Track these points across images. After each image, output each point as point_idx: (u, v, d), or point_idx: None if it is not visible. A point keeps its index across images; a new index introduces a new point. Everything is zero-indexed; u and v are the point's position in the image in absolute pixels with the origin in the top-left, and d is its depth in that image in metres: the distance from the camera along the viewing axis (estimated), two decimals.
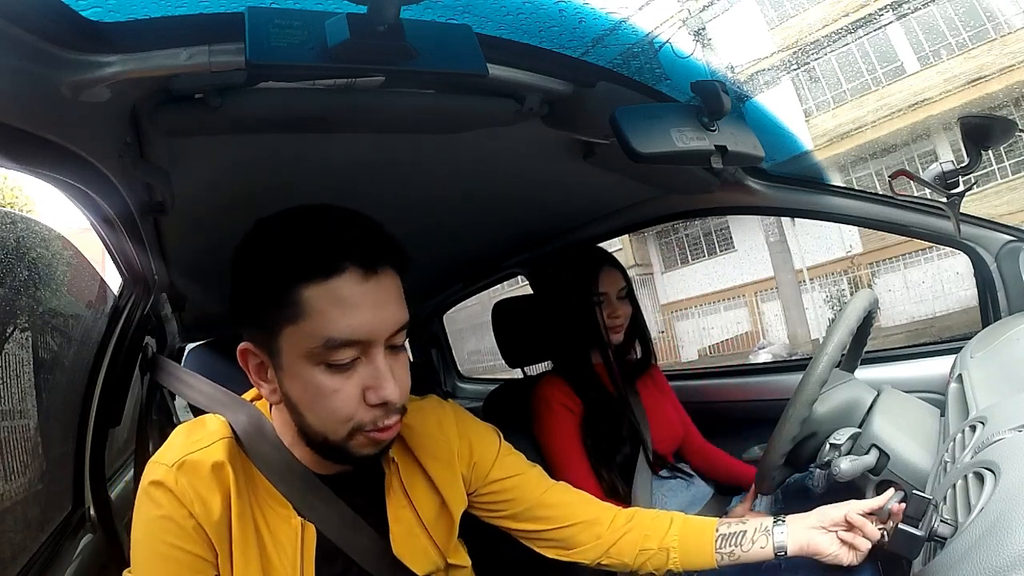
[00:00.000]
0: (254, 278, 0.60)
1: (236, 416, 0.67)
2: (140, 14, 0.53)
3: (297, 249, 0.58)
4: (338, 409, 0.59)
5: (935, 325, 8.80)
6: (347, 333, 0.57)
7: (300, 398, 0.60)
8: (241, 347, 0.62)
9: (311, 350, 0.57)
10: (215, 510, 0.61)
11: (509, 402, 1.37)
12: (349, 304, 0.57)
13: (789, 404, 0.89)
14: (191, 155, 0.78)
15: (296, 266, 0.57)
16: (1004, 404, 0.64)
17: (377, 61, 0.56)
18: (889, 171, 1.11)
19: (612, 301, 1.25)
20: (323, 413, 0.59)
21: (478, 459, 0.79)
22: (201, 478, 0.61)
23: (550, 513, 0.81)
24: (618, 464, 1.20)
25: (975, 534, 0.45)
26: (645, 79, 0.85)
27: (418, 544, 0.73)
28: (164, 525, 0.60)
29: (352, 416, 0.59)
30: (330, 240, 0.58)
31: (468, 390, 2.44)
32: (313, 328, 0.56)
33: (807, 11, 9.47)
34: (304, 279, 0.56)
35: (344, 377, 0.58)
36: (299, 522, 0.65)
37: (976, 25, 9.08)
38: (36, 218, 1.13)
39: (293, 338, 0.58)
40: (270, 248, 0.59)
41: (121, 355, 1.07)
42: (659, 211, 1.41)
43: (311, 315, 0.56)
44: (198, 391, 0.82)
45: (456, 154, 0.96)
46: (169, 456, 0.62)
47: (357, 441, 0.61)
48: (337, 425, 0.60)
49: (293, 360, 0.58)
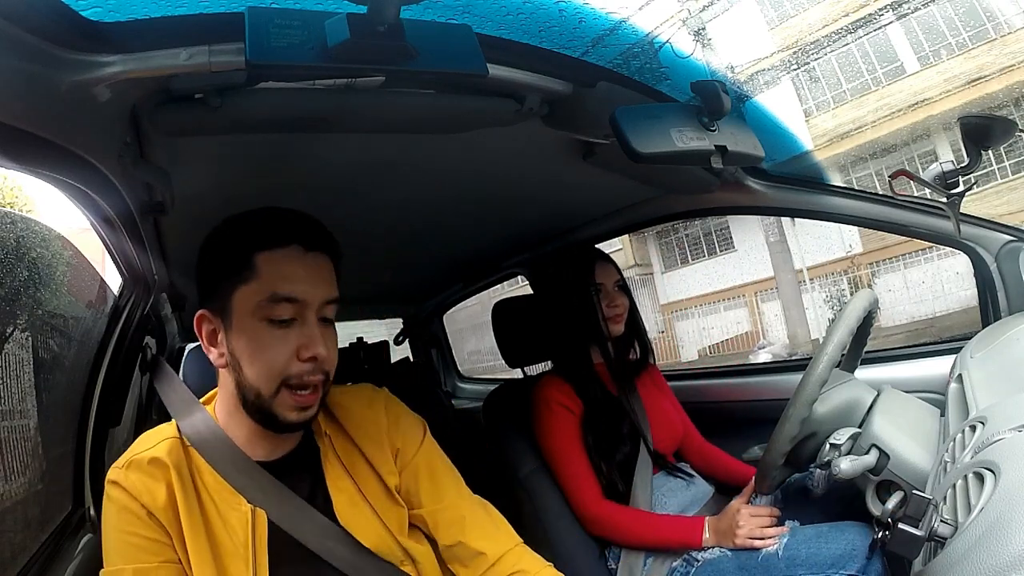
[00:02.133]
0: (217, 252, 0.72)
1: (189, 419, 0.77)
2: (140, 14, 0.53)
3: (254, 226, 0.71)
4: (274, 359, 0.69)
5: (935, 325, 8.80)
6: (288, 291, 0.69)
7: (243, 352, 0.70)
8: (198, 314, 0.73)
9: (258, 303, 0.68)
10: (160, 498, 0.70)
11: (509, 402, 1.37)
12: (291, 270, 0.70)
13: (789, 404, 0.89)
14: (191, 155, 0.78)
15: (252, 237, 0.70)
16: (1004, 404, 0.64)
17: (377, 61, 0.56)
18: (889, 171, 1.10)
19: (609, 291, 1.27)
20: (260, 364, 0.69)
21: (402, 445, 0.83)
22: (146, 471, 0.71)
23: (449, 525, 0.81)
24: (618, 463, 1.20)
25: (975, 534, 0.45)
26: (645, 79, 0.85)
27: (362, 514, 0.76)
28: (121, 516, 0.70)
29: (283, 370, 0.69)
30: (280, 222, 0.72)
31: (468, 390, 2.44)
32: (261, 285, 0.68)
33: (807, 11, 9.48)
34: (258, 247, 0.69)
35: (282, 333, 0.69)
36: (248, 508, 0.71)
37: (976, 25, 9.08)
38: (36, 218, 1.13)
39: (243, 296, 0.69)
40: (232, 228, 0.72)
41: (121, 355, 1.07)
42: (659, 211, 1.41)
43: (261, 275, 0.69)
44: (176, 396, 0.85)
45: (456, 154, 0.96)
46: (121, 460, 0.73)
47: (283, 401, 0.70)
48: (268, 379, 0.69)
49: (242, 317, 0.69)
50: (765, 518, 1.05)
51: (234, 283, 0.69)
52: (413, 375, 2.14)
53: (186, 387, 0.85)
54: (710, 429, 1.39)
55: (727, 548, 1.04)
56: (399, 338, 2.40)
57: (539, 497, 1.21)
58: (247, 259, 0.69)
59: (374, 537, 0.76)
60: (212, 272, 0.72)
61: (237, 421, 0.75)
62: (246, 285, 0.69)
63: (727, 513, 1.07)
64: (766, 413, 1.15)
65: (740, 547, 1.03)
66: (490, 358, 5.25)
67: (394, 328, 2.44)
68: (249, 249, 0.69)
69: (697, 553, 1.07)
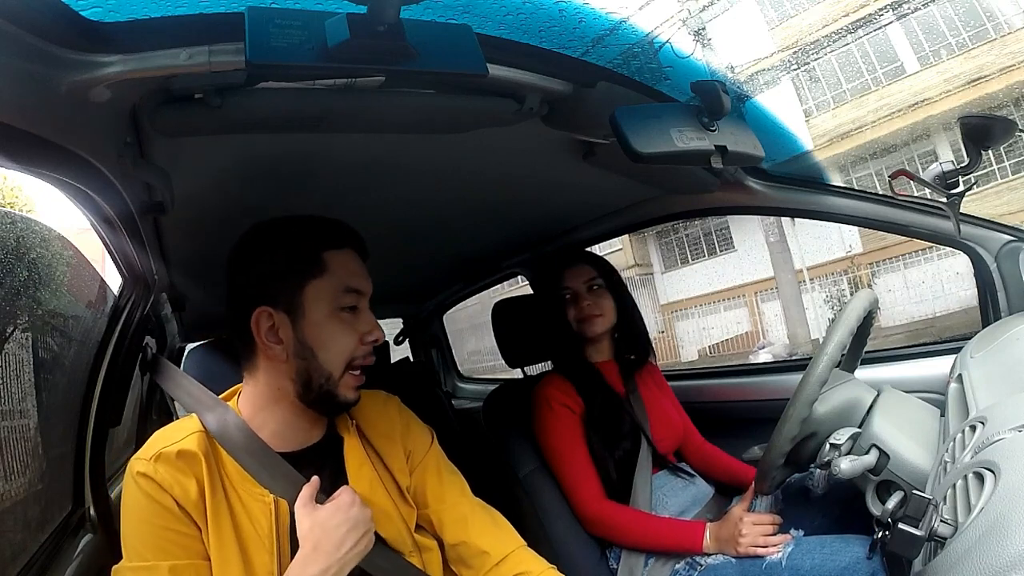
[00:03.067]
0: (281, 249, 0.77)
1: (210, 414, 0.78)
2: (140, 14, 0.53)
3: (320, 228, 0.79)
4: (346, 343, 0.76)
5: (935, 325, 8.80)
6: (356, 284, 0.78)
7: (316, 339, 0.75)
8: (258, 311, 0.75)
9: (334, 294, 0.76)
10: (192, 491, 0.71)
11: (509, 402, 1.37)
12: (354, 267, 0.79)
13: (789, 404, 0.89)
14: (191, 155, 0.78)
15: (322, 237, 0.78)
16: (1004, 404, 0.64)
17: (377, 61, 0.56)
18: (889, 171, 1.10)
19: (582, 294, 1.28)
20: (335, 349, 0.76)
21: (413, 447, 0.87)
22: (175, 466, 0.72)
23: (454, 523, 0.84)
24: (618, 460, 1.20)
25: (975, 534, 0.45)
26: (645, 79, 0.85)
27: (378, 505, 0.79)
28: (150, 508, 0.70)
29: (352, 352, 0.77)
30: (341, 227, 0.81)
31: (468, 390, 2.44)
32: (333, 279, 0.76)
33: (807, 11, 9.47)
34: (327, 246, 0.77)
35: (351, 320, 0.77)
36: (272, 499, 0.74)
37: (976, 25, 9.08)
38: (36, 218, 1.13)
39: (316, 289, 0.76)
40: (295, 226, 0.79)
41: (121, 355, 1.07)
42: (659, 211, 1.41)
43: (333, 271, 0.77)
44: (186, 392, 0.87)
45: (456, 154, 0.96)
46: (147, 452, 0.73)
47: (346, 382, 0.77)
48: (341, 360, 0.76)
49: (315, 308, 0.75)
50: (768, 526, 1.04)
51: (305, 278, 0.75)
52: (413, 375, 2.14)
53: (199, 383, 0.86)
54: (710, 429, 1.39)
55: (730, 555, 1.04)
56: (399, 338, 2.40)
57: (539, 497, 1.21)
58: (317, 256, 0.76)
59: (391, 529, 0.79)
60: (279, 269, 0.76)
61: (268, 415, 0.78)
62: (318, 280, 0.76)
63: (729, 520, 1.07)
64: (766, 413, 1.15)
65: (743, 555, 1.02)
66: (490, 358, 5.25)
67: (394, 328, 2.44)
68: (318, 248, 0.77)
69: (700, 558, 1.07)
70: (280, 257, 0.77)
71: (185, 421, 0.79)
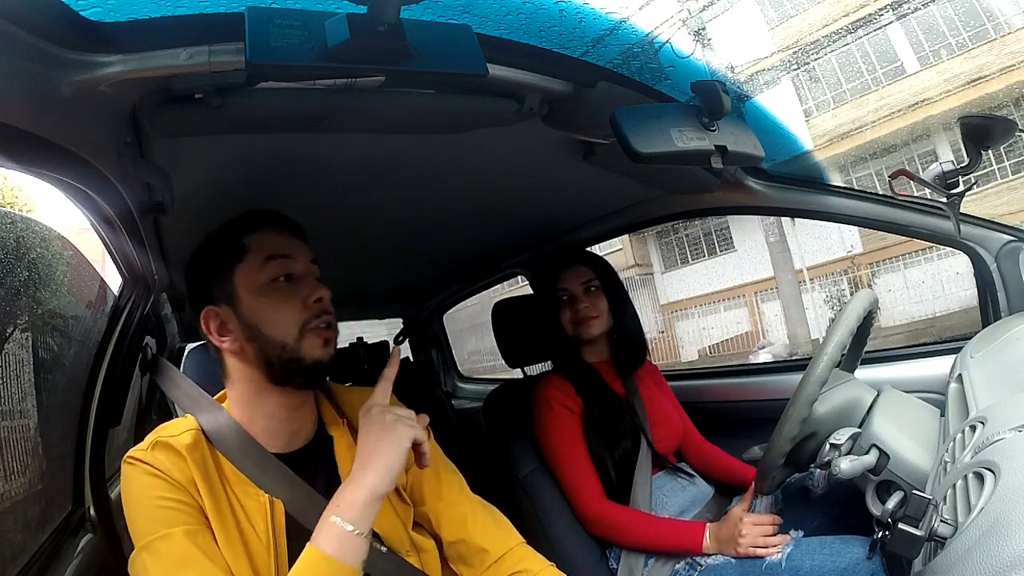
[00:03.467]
0: (206, 249, 0.80)
1: (205, 415, 0.79)
2: (140, 14, 0.53)
3: (240, 219, 0.81)
4: (289, 310, 0.76)
5: (935, 325, 8.80)
6: (278, 251, 0.78)
7: (258, 317, 0.76)
8: (204, 312, 0.78)
9: (258, 269, 0.77)
10: (187, 477, 0.72)
11: (509, 402, 1.37)
12: (276, 239, 0.80)
13: (789, 404, 0.89)
14: (191, 155, 0.78)
15: (239, 224, 0.80)
16: (1004, 404, 0.64)
17: (377, 61, 0.56)
18: (889, 171, 1.10)
19: (578, 295, 1.28)
20: (279, 319, 0.76)
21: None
22: (170, 455, 0.73)
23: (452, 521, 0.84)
24: (618, 459, 1.20)
25: (975, 534, 0.45)
26: (645, 79, 0.85)
27: None
28: (151, 484, 0.70)
29: (300, 316, 0.76)
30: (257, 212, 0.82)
31: (468, 390, 2.44)
32: (255, 256, 0.77)
33: (807, 11, 9.47)
34: (246, 231, 0.79)
35: (288, 289, 0.77)
36: (266, 498, 0.74)
37: (976, 25, 9.07)
38: (36, 218, 1.13)
39: (244, 272, 0.77)
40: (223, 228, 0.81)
41: (121, 355, 1.07)
42: (659, 211, 1.41)
43: (252, 249, 0.78)
44: (183, 393, 0.87)
45: (456, 154, 0.96)
46: (144, 444, 0.74)
47: (309, 342, 0.76)
48: (289, 329, 0.76)
49: (248, 289, 0.77)
50: (768, 526, 1.04)
51: (232, 266, 0.77)
52: (413, 375, 2.14)
53: (195, 384, 0.86)
54: (710, 429, 1.39)
55: (730, 555, 1.04)
56: (399, 338, 2.40)
57: (539, 497, 1.21)
58: (238, 242, 0.78)
59: (388, 528, 0.78)
60: (209, 269, 0.79)
61: (254, 411, 0.78)
62: (243, 263, 0.77)
63: (729, 520, 1.07)
64: (766, 413, 1.15)
65: (743, 555, 1.02)
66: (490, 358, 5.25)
67: (394, 328, 2.44)
68: (237, 235, 0.79)
69: (700, 558, 1.07)
70: (207, 256, 0.80)
71: (182, 420, 0.80)
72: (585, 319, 1.27)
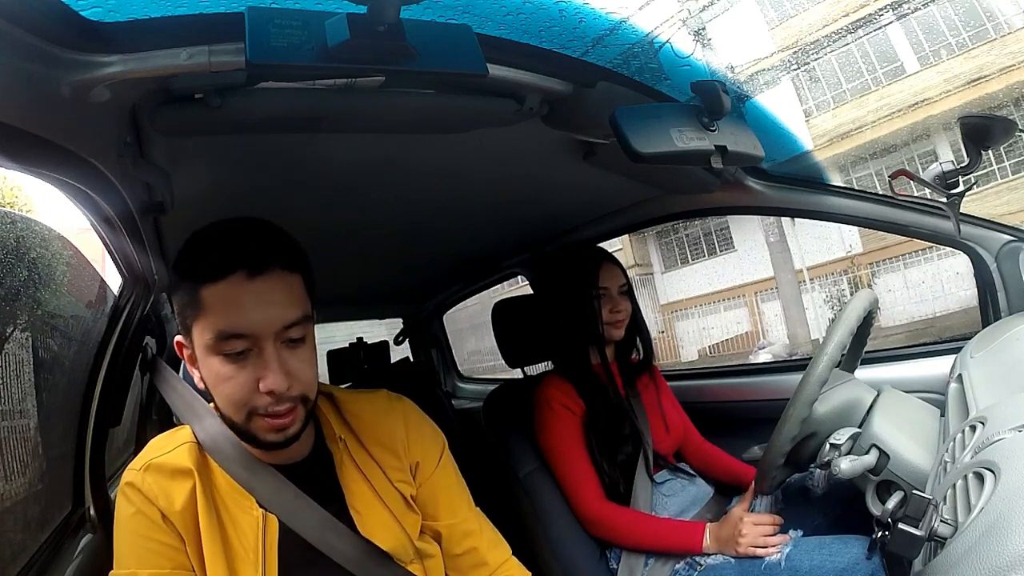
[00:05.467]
0: (175, 285, 0.70)
1: (200, 424, 0.77)
2: (140, 14, 0.53)
3: (199, 257, 0.68)
4: (232, 394, 0.67)
5: (935, 325, 8.80)
6: (234, 326, 0.65)
7: (209, 383, 0.70)
8: (176, 340, 0.73)
9: (208, 341, 0.66)
10: (177, 503, 0.70)
11: (509, 402, 1.37)
12: (235, 302, 0.66)
13: (789, 404, 0.89)
14: (191, 155, 0.78)
15: (197, 271, 0.67)
16: (1004, 404, 0.64)
17: (377, 61, 0.56)
18: (889, 171, 1.10)
19: (613, 296, 1.26)
20: (222, 398, 0.69)
21: (421, 458, 0.83)
22: (164, 476, 0.71)
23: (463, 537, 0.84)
24: (619, 463, 1.20)
25: (975, 534, 0.45)
26: (645, 79, 0.85)
27: (378, 516, 0.77)
28: (136, 519, 0.70)
29: (247, 401, 0.67)
30: (222, 248, 0.67)
31: (468, 390, 2.44)
32: (208, 322, 0.66)
33: (807, 11, 9.47)
34: (202, 281, 0.66)
35: (238, 366, 0.67)
36: (260, 513, 0.72)
37: (976, 25, 9.07)
38: (36, 218, 1.13)
39: (199, 331, 0.67)
40: (184, 258, 0.70)
41: (121, 355, 1.07)
42: (659, 211, 1.41)
43: (207, 311, 0.66)
44: (181, 398, 0.87)
45: (456, 154, 0.96)
46: (138, 463, 0.73)
47: (257, 425, 0.68)
48: (235, 409, 0.68)
49: (200, 350, 0.68)
50: (768, 526, 1.04)
51: (189, 315, 0.68)
52: (413, 375, 2.14)
53: (193, 391, 0.85)
54: (710, 429, 1.39)
55: (729, 555, 1.04)
56: (399, 338, 2.40)
57: (539, 497, 1.21)
58: (195, 295, 0.67)
59: (392, 540, 0.77)
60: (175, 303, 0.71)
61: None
62: (198, 320, 0.67)
63: (729, 520, 1.07)
64: (766, 413, 1.15)
65: (743, 555, 1.02)
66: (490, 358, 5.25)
67: (394, 328, 2.44)
68: (196, 284, 0.67)
69: (700, 558, 1.07)
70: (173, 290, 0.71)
71: (178, 432, 0.78)
72: (617, 321, 1.26)
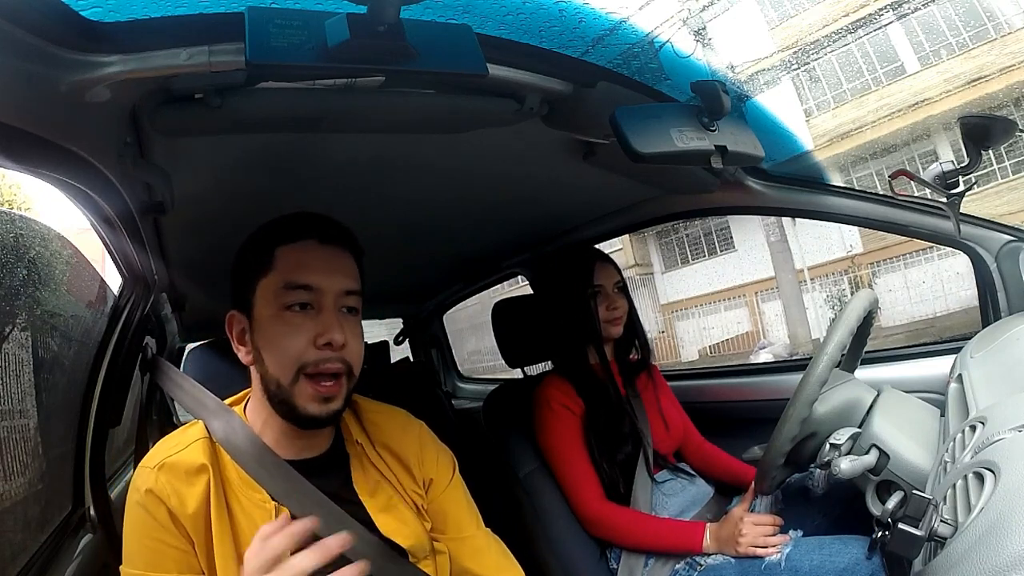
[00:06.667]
0: (245, 252, 0.76)
1: (214, 420, 0.77)
2: (140, 14, 0.53)
3: (277, 224, 0.76)
4: (290, 346, 0.70)
5: (935, 325, 8.80)
6: (302, 278, 0.72)
7: (263, 342, 0.72)
8: (229, 315, 0.76)
9: (276, 292, 0.71)
10: (190, 503, 0.70)
11: (509, 402, 1.37)
12: (305, 260, 0.73)
13: (789, 404, 0.89)
14: (191, 155, 0.78)
15: (274, 233, 0.74)
16: (1004, 404, 0.64)
17: (377, 61, 0.56)
18: (889, 171, 1.10)
19: (609, 294, 1.27)
20: (278, 352, 0.71)
21: (435, 476, 0.84)
22: (178, 476, 0.71)
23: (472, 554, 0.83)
24: (619, 463, 1.20)
25: (975, 534, 0.45)
26: (645, 79, 0.85)
27: (396, 515, 0.77)
28: (147, 520, 0.69)
29: (300, 355, 0.70)
30: (299, 218, 0.76)
31: (468, 390, 2.44)
32: (278, 275, 0.72)
33: (807, 11, 9.47)
34: (278, 242, 0.73)
35: (299, 321, 0.71)
36: (273, 506, 0.72)
37: (976, 25, 9.07)
38: (35, 218, 1.13)
39: (264, 287, 0.72)
40: (260, 229, 0.76)
41: (121, 355, 1.07)
42: (659, 211, 1.41)
43: (278, 267, 0.72)
44: (189, 395, 0.86)
45: (456, 154, 0.96)
46: (151, 460, 0.73)
47: (302, 390, 0.70)
48: (286, 367, 0.70)
49: (262, 307, 0.72)
50: (768, 526, 1.04)
51: (257, 276, 0.73)
52: (413, 375, 2.13)
53: (201, 386, 0.85)
54: (710, 429, 1.39)
55: (729, 555, 1.04)
56: (399, 338, 2.40)
57: (539, 497, 1.21)
58: (268, 252, 0.73)
59: (411, 537, 0.77)
60: (240, 271, 0.75)
61: (267, 421, 0.76)
62: (266, 277, 0.72)
63: (729, 520, 1.07)
64: (766, 413, 1.15)
65: (743, 555, 1.02)
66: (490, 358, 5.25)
67: (394, 328, 2.44)
68: (271, 244, 0.73)
69: (700, 558, 1.07)
70: (243, 257, 0.76)
71: (190, 428, 0.78)
72: (615, 318, 1.26)
